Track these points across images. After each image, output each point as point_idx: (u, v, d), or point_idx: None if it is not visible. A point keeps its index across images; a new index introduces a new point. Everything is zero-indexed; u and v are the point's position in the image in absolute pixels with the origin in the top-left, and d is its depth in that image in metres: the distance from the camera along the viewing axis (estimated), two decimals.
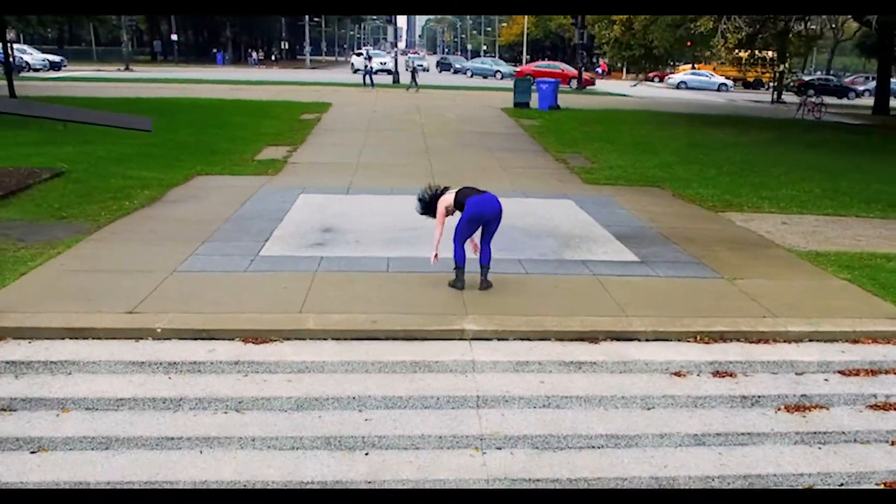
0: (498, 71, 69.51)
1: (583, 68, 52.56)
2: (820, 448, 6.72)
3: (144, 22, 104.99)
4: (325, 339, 7.65)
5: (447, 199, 8.85)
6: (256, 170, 17.03)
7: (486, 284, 8.98)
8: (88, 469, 6.10)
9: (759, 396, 7.16)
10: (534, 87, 33.39)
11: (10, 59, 41.83)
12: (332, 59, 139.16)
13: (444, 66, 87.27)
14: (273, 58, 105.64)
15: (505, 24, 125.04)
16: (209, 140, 20.95)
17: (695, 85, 61.18)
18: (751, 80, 65.65)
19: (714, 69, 66.33)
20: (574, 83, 54.11)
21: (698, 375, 7.42)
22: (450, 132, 24.47)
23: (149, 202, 13.38)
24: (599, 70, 70.36)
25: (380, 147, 20.99)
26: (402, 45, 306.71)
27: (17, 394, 6.80)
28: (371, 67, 47.05)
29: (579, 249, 10.97)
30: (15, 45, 49.74)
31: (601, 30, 31.38)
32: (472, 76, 70.07)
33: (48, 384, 6.94)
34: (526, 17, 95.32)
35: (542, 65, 63.27)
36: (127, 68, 61.39)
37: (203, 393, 6.85)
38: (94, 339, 7.54)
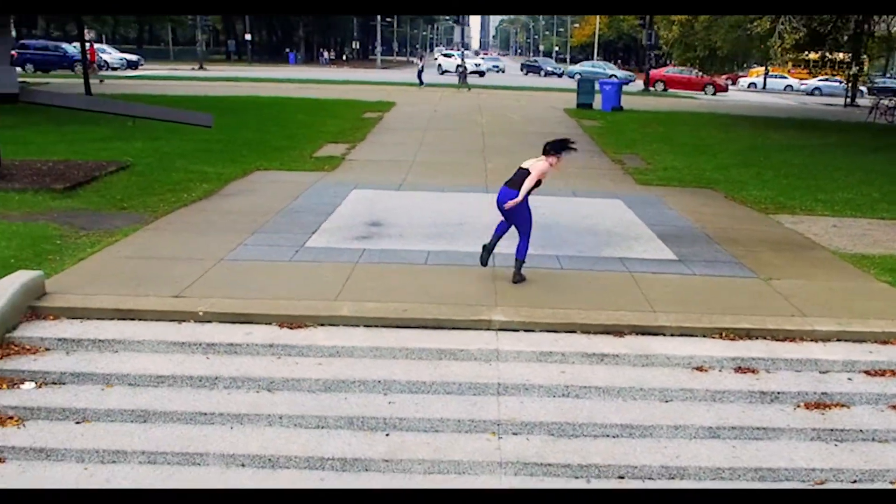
0: (613, 76, 59.55)
1: (649, 70, 52.14)
2: (836, 445, 6.80)
3: (220, 22, 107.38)
4: (357, 325, 7.98)
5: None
6: (314, 166, 17.51)
7: (517, 278, 9.22)
8: (126, 440, 6.53)
9: (778, 393, 7.25)
10: (597, 89, 33.40)
11: (90, 58, 43.32)
12: (404, 59, 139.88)
13: (531, 68, 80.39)
14: (344, 57, 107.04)
15: (577, 25, 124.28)
16: (271, 137, 21.54)
17: (829, 91, 58.01)
18: None
19: (789, 73, 65.17)
20: (710, 90, 52.84)
21: (720, 371, 7.55)
22: (510, 132, 24.68)
23: (206, 195, 13.92)
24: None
25: (438, 146, 21.34)
26: (475, 45, 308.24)
27: (67, 368, 7.27)
28: (423, 68, 48.46)
29: (619, 247, 11.13)
30: (95, 45, 51.56)
31: (660, 30, 31.08)
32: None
33: (95, 361, 7.41)
34: (598, 17, 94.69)
35: (673, 70, 55.08)
36: (201, 67, 62.99)
37: (237, 373, 7.24)
38: (140, 320, 8.00)
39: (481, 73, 65.58)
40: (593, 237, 11.66)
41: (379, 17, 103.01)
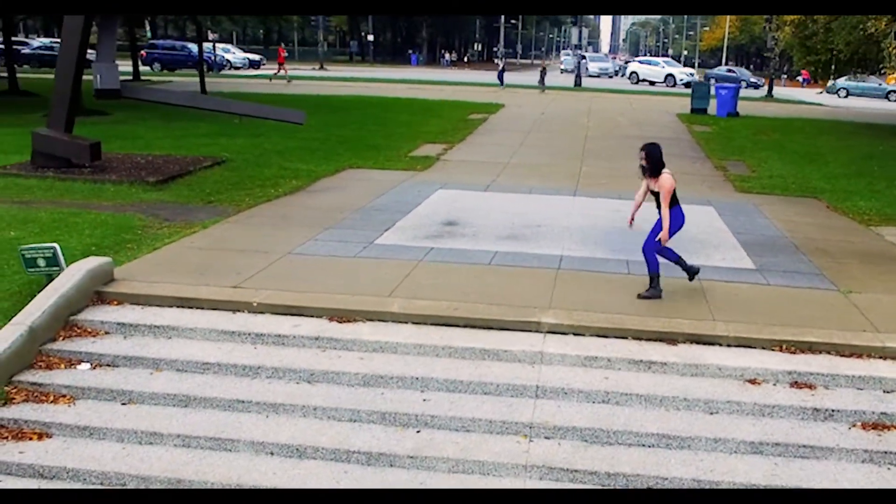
0: (891, 92, 51.19)
1: (774, 76, 50.36)
2: (889, 469, 6.46)
3: (346, 23, 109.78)
4: (405, 322, 8.06)
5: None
6: (407, 165, 17.73)
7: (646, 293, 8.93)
8: (165, 423, 6.78)
9: (834, 410, 6.94)
10: (713, 94, 32.53)
11: (213, 58, 44.99)
12: (528, 61, 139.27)
13: (723, 80, 52.99)
14: (466, 59, 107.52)
15: (707, 28, 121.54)
16: (370, 136, 21.91)
17: None
18: None
19: None
20: None
21: (774, 385, 7.27)
22: (614, 136, 24.37)
23: (293, 191, 14.29)
24: (801, 79, 66.77)
25: (536, 148, 21.28)
26: (604, 49, 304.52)
27: (122, 352, 7.61)
28: (504, 69, 48.89)
29: (696, 255, 10.83)
30: (219, 45, 53.53)
31: (772, 32, 29.83)
32: (846, 96, 53.40)
33: (149, 346, 7.72)
34: (727, 19, 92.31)
35: None
36: (321, 67, 64.61)
37: (280, 363, 7.41)
38: (197, 308, 8.30)
39: (655, 83, 60.36)
40: (672, 244, 11.39)
41: (503, 18, 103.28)
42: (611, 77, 69.02)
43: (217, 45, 53.66)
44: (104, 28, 13.89)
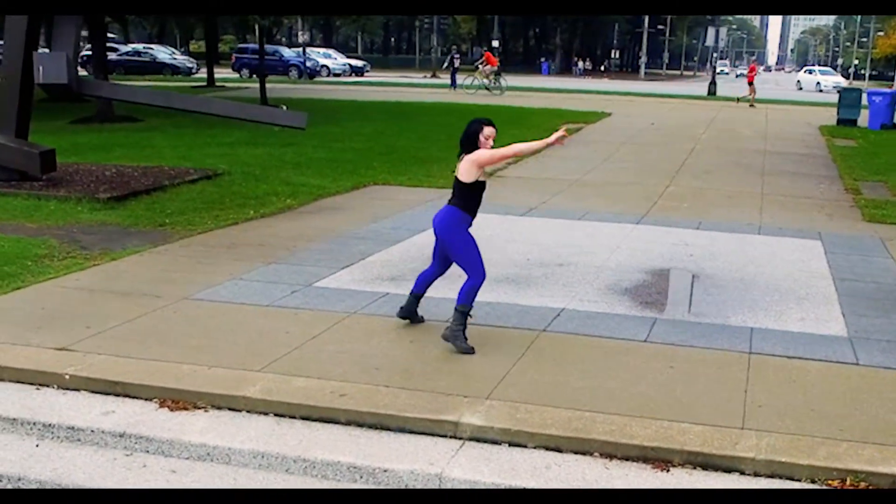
0: None
1: None
2: None
3: (475, 29, 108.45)
4: (264, 413, 5.79)
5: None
6: (448, 182, 15.42)
7: (448, 334, 6.89)
8: None
9: None
10: (865, 102, 28.79)
11: (303, 63, 44.03)
12: (676, 72, 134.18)
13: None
14: (602, 68, 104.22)
15: (882, 34, 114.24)
16: (426, 147, 19.84)
17: None
18: None
19: None
20: None
21: None
22: (727, 150, 21.49)
23: (278, 212, 12.35)
24: None
25: (622, 163, 18.73)
26: (772, 59, 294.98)
27: None
28: (455, 67, 46.03)
29: (765, 311, 8.15)
30: (318, 50, 52.85)
31: None
32: None
33: None
34: None
35: None
36: (433, 75, 63.17)
37: (51, 475, 5.27)
38: None
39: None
40: (736, 293, 8.75)
41: (646, 22, 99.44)
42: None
43: (316, 49, 52.98)
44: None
